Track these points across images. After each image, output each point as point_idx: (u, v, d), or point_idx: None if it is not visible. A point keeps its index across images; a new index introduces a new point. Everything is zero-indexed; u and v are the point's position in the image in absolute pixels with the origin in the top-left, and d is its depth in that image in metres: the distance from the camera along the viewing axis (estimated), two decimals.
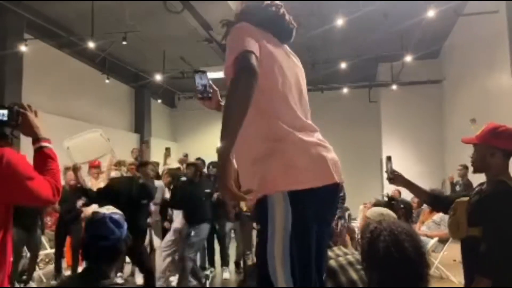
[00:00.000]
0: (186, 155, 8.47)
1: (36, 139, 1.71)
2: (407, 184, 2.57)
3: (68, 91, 9.90)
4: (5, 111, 1.67)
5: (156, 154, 13.47)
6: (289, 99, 1.64)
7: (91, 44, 7.77)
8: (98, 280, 1.80)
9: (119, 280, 5.67)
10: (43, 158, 1.67)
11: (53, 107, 9.30)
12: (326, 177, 1.60)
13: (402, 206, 4.37)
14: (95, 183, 6.41)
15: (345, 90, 11.85)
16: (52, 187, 1.58)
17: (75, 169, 4.75)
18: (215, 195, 5.52)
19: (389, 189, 11.03)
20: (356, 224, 8.02)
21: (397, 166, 10.33)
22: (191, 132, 14.91)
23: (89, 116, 10.61)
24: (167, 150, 8.89)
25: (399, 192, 9.77)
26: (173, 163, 6.28)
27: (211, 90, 1.94)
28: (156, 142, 13.68)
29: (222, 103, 1.96)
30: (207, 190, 5.54)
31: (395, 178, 2.55)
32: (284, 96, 1.64)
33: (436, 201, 2.62)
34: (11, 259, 1.65)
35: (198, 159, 6.81)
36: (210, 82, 1.94)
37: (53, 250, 6.34)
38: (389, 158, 2.65)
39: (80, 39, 8.08)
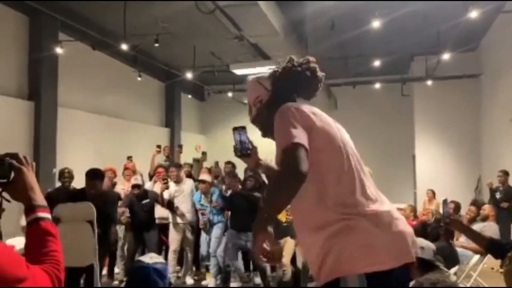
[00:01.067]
0: (180, 146, 8.53)
1: (30, 206, 1.21)
2: (464, 229, 2.47)
3: (102, 89, 10.08)
4: None
5: (186, 148, 13.64)
6: (356, 173, 1.58)
7: (124, 46, 7.82)
8: None
9: None
10: (39, 235, 1.20)
11: (88, 105, 9.50)
12: (405, 255, 1.51)
13: (441, 224, 4.25)
14: (127, 185, 6.50)
15: (377, 85, 11.56)
16: (53, 281, 1.14)
17: None
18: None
19: (422, 187, 10.85)
20: None
21: (430, 163, 10.22)
22: (220, 125, 14.94)
23: (122, 112, 10.79)
24: (180, 147, 8.87)
25: (433, 193, 9.58)
26: (204, 175, 6.29)
27: (250, 147, 1.91)
28: (186, 136, 13.82)
29: (261, 162, 1.95)
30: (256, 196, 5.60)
31: (452, 222, 2.44)
32: (350, 171, 1.58)
33: (495, 248, 2.48)
34: None
35: (229, 163, 6.75)
36: (249, 138, 1.91)
37: None
38: (445, 201, 2.54)
39: (113, 40, 8.14)
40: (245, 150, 1.89)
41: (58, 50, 7.99)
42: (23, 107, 7.69)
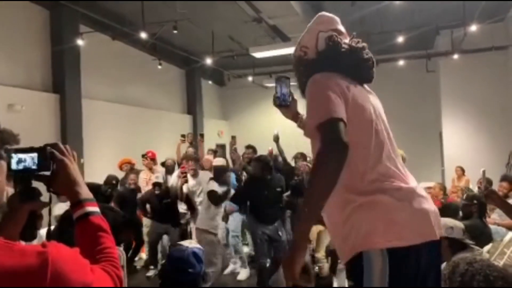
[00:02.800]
0: (201, 135, 8.35)
1: (77, 202, 1.12)
2: (501, 203, 2.37)
3: (123, 79, 10.17)
4: (35, 154, 1.10)
5: (208, 134, 13.70)
6: (384, 150, 1.53)
7: (143, 35, 7.83)
8: None
9: None
10: (91, 232, 1.11)
11: (110, 95, 9.61)
12: (428, 233, 1.47)
13: (475, 201, 4.13)
14: (149, 175, 6.54)
15: (400, 62, 11.25)
16: (114, 280, 1.05)
17: None
18: (285, 197, 5.09)
19: (450, 164, 10.61)
20: None
21: (458, 140, 9.96)
22: (241, 110, 14.94)
23: (144, 101, 10.88)
24: (201, 136, 8.69)
25: (462, 170, 9.35)
26: (216, 160, 6.19)
27: (290, 99, 1.85)
28: (208, 122, 13.88)
29: (300, 115, 1.88)
30: (278, 189, 5.04)
31: (488, 195, 2.35)
32: (378, 147, 1.52)
33: None
34: None
35: (249, 147, 6.57)
36: (291, 90, 1.85)
37: None
38: (484, 173, 2.45)
39: (132, 29, 8.16)
40: (284, 101, 1.83)
41: (80, 42, 8.06)
42: (48, 100, 7.83)
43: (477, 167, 9.49)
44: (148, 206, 5.93)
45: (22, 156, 1.10)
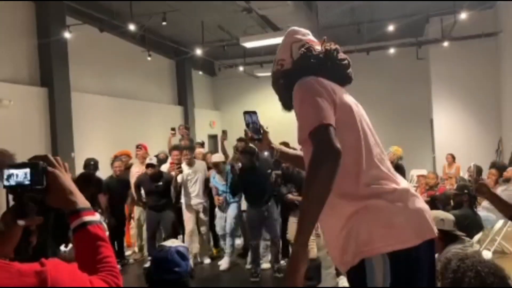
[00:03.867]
0: (187, 127, 8.44)
1: (74, 211, 1.11)
2: (491, 196, 2.37)
3: (113, 71, 10.06)
4: (28, 170, 1.07)
5: (200, 125, 13.66)
6: (372, 152, 1.53)
7: (131, 27, 7.73)
8: None
9: None
10: (89, 241, 1.10)
11: (99, 88, 9.51)
12: (427, 232, 1.48)
13: (466, 191, 4.17)
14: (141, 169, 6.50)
15: (391, 50, 11.25)
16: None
17: None
18: (273, 175, 5.49)
19: (441, 151, 10.70)
20: None
21: (449, 127, 9.98)
22: (233, 100, 14.88)
23: (134, 93, 10.79)
24: (173, 129, 8.56)
25: (453, 157, 9.43)
26: (216, 157, 6.21)
27: (262, 131, 1.87)
28: (199, 113, 13.82)
29: (274, 146, 1.92)
30: (268, 171, 5.49)
31: (479, 187, 2.34)
32: (368, 150, 1.52)
33: None
34: None
35: (241, 139, 6.52)
36: (260, 122, 1.87)
37: None
38: (474, 166, 2.46)
39: (120, 21, 8.04)
40: (257, 133, 1.85)
41: (67, 35, 7.94)
42: (37, 94, 7.73)
43: (468, 154, 9.62)
44: (142, 191, 5.94)
45: (14, 171, 1.07)
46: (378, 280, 1.39)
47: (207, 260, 6.25)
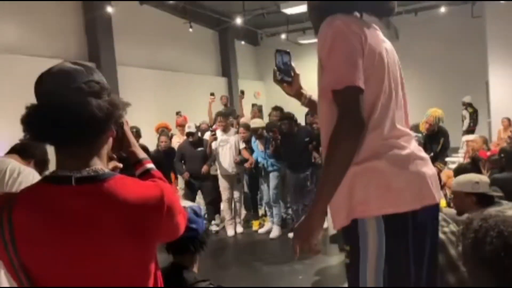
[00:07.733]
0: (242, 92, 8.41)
1: (138, 160, 1.33)
2: None
3: (156, 44, 10.23)
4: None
5: (245, 96, 13.65)
6: (390, 106, 1.42)
7: None
8: (181, 273, 1.86)
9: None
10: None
11: (144, 61, 9.73)
12: (426, 197, 1.40)
13: (502, 155, 3.91)
14: (181, 137, 6.63)
15: (442, 9, 10.56)
16: (185, 218, 1.26)
17: None
18: (311, 146, 5.60)
19: (497, 115, 10.07)
20: (458, 159, 7.47)
21: (506, 90, 9.31)
22: None
23: (178, 65, 10.95)
24: (242, 93, 8.84)
25: (509, 121, 8.86)
26: (258, 122, 6.15)
27: (292, 74, 1.71)
28: (244, 84, 13.80)
29: (304, 91, 1.77)
30: (306, 139, 5.62)
31: None
32: (386, 104, 1.41)
33: None
34: None
35: (276, 109, 6.38)
36: (293, 64, 1.72)
37: None
38: None
39: None
40: (287, 75, 1.71)
41: (109, 9, 8.13)
42: None
43: None
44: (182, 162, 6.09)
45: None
46: (371, 243, 1.35)
47: (239, 229, 6.21)
